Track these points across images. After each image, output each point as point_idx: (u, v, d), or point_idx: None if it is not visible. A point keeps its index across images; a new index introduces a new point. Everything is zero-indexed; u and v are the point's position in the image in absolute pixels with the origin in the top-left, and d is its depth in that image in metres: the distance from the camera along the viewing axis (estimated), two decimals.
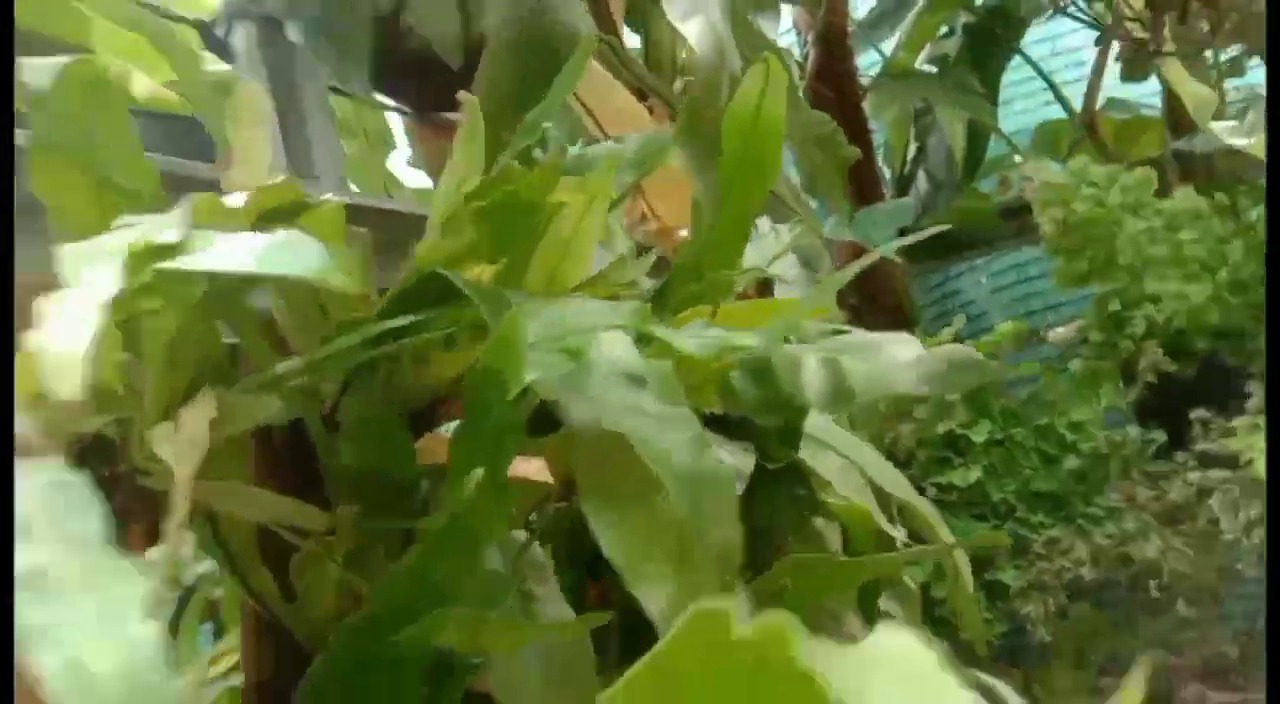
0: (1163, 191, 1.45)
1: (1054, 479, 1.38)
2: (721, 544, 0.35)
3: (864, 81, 1.75)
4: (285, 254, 0.28)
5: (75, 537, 0.24)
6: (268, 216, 0.38)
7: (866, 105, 1.69)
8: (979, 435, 1.39)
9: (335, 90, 0.86)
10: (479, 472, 0.39)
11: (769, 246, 1.02)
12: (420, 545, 0.45)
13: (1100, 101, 1.71)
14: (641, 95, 1.14)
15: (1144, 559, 1.23)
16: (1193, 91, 1.04)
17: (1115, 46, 1.69)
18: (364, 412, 0.44)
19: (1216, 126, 1.11)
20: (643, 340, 0.41)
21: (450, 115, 1.00)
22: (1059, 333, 1.72)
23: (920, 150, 1.78)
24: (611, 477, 0.42)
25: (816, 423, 0.63)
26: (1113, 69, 1.71)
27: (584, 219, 0.50)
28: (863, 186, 1.64)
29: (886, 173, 1.84)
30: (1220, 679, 1.39)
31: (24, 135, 0.50)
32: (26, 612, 0.22)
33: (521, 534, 0.51)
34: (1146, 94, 1.77)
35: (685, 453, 0.37)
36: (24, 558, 0.23)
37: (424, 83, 0.92)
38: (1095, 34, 1.74)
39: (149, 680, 0.21)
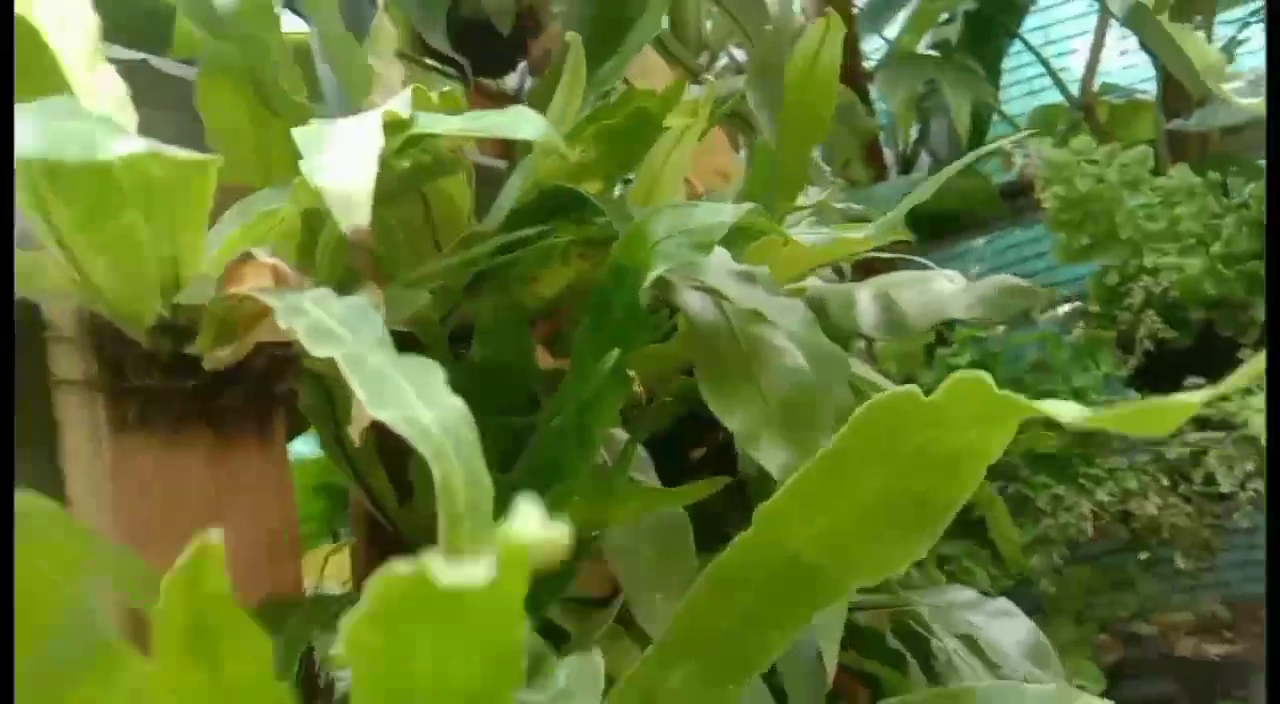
0: (1157, 170, 1.52)
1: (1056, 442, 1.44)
2: (841, 402, 0.40)
3: (867, 66, 1.82)
4: (519, 121, 0.33)
5: (369, 341, 0.29)
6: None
7: (874, 88, 1.75)
8: None
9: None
10: (615, 353, 0.44)
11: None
12: (545, 432, 0.50)
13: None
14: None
15: (1144, 515, 1.30)
16: (1201, 54, 1.10)
17: (1110, 35, 1.76)
18: (496, 311, 0.49)
19: (1225, 88, 1.18)
20: (753, 239, 0.46)
21: (494, 81, 1.05)
22: (1052, 314, 1.78)
23: (923, 132, 1.84)
24: (724, 361, 0.47)
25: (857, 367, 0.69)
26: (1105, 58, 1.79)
27: (678, 145, 0.55)
28: (870, 166, 1.70)
29: (890, 155, 1.91)
30: (1214, 634, 1.46)
31: (180, 66, 0.55)
32: (358, 385, 0.27)
33: (622, 433, 0.56)
34: (1140, 80, 1.84)
35: (803, 330, 0.43)
36: (341, 351, 0.28)
37: (476, 48, 0.97)
38: (1085, 24, 1.81)
39: (463, 432, 0.27)
